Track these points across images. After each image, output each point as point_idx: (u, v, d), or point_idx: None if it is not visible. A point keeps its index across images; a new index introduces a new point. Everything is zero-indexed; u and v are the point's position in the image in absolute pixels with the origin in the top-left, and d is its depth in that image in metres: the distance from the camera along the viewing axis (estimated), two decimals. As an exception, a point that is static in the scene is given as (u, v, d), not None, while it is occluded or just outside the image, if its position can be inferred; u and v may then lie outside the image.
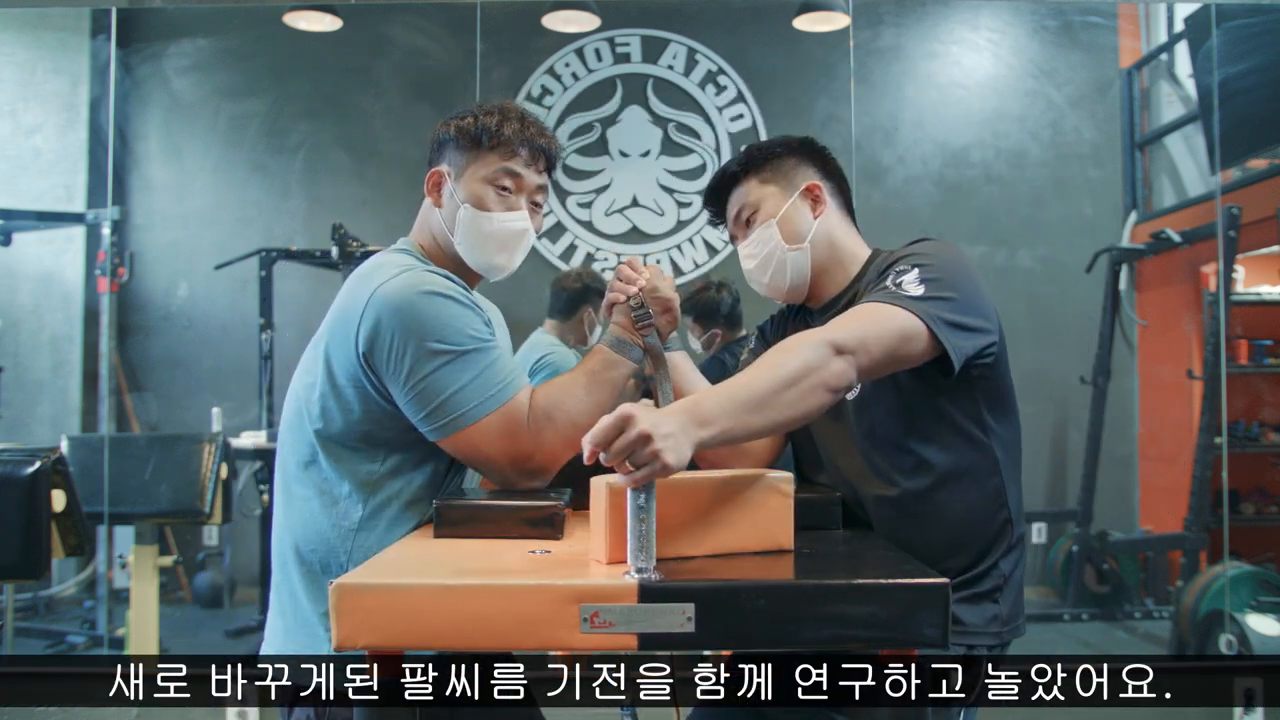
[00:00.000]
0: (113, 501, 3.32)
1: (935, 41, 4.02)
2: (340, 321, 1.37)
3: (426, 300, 1.32)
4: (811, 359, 1.20)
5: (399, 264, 1.39)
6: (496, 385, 1.33)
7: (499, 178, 1.46)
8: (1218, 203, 3.66)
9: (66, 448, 3.37)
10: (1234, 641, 3.44)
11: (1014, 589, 1.44)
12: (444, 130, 1.49)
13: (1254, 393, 4.18)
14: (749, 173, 1.56)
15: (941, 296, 1.31)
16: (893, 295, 1.31)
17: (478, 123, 1.46)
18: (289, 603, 1.43)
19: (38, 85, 4.05)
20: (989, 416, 1.41)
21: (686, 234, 3.98)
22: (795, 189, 1.52)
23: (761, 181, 1.54)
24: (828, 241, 1.53)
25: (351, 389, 1.36)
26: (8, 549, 2.32)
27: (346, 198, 3.94)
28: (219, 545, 4.21)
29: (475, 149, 1.46)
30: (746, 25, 3.98)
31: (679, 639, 0.99)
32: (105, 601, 3.93)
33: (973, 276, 1.38)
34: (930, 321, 1.28)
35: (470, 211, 1.45)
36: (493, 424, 1.32)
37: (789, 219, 1.52)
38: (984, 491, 1.42)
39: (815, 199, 1.52)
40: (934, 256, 1.37)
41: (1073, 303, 3.96)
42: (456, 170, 1.47)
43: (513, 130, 1.46)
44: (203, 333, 4.05)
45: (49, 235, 4.10)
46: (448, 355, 1.31)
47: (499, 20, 3.80)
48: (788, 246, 1.51)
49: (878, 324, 1.27)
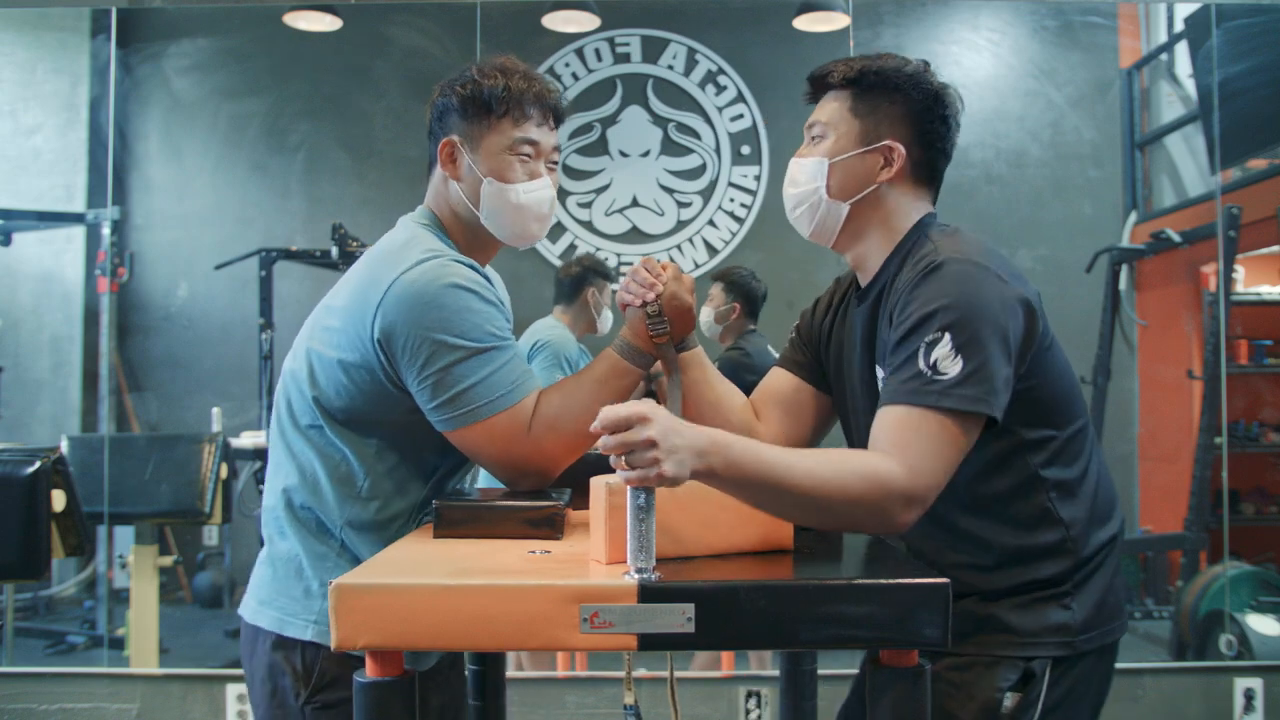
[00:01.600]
0: (113, 501, 3.33)
1: (935, 41, 4.02)
2: (358, 300, 1.35)
3: (449, 293, 1.31)
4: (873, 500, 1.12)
5: (423, 247, 1.37)
6: (507, 386, 1.33)
7: (518, 147, 1.43)
8: (1218, 203, 3.66)
9: (66, 448, 3.37)
10: (1234, 641, 3.44)
11: (1090, 594, 1.35)
12: (446, 97, 1.45)
13: (1254, 393, 4.17)
14: (848, 89, 1.39)
15: (979, 364, 1.20)
16: (933, 390, 1.19)
17: (483, 88, 1.42)
18: (281, 547, 1.43)
19: (38, 85, 4.05)
20: (1041, 429, 1.33)
21: (686, 234, 3.98)
22: (877, 140, 1.38)
23: (853, 111, 1.39)
24: (877, 208, 1.39)
25: (360, 368, 1.35)
26: (8, 549, 2.32)
27: (346, 198, 3.94)
28: (219, 545, 4.21)
29: (486, 116, 1.43)
30: (746, 25, 3.98)
31: (679, 639, 0.99)
32: (105, 601, 3.93)
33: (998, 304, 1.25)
34: (980, 409, 1.20)
35: (495, 185, 1.43)
36: (497, 425, 1.32)
37: (847, 167, 1.38)
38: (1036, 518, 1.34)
39: (887, 160, 1.38)
40: (957, 300, 1.23)
41: (1073, 303, 3.96)
42: (470, 141, 1.44)
43: (521, 91, 1.42)
44: (203, 333, 4.05)
45: (49, 235, 4.10)
46: (465, 351, 1.31)
47: (499, 20, 3.79)
48: (827, 196, 1.38)
49: (941, 450, 1.18)
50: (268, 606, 1.42)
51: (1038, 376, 1.31)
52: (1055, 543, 1.34)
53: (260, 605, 1.43)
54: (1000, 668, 1.32)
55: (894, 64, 1.39)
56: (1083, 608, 1.34)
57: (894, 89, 1.38)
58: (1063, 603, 1.33)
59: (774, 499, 1.11)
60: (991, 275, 1.28)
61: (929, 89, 1.39)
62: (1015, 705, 1.30)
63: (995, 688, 1.31)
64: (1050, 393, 1.33)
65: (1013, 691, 1.31)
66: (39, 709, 3.33)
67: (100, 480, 3.34)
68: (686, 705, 3.27)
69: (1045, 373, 1.32)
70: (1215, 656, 3.48)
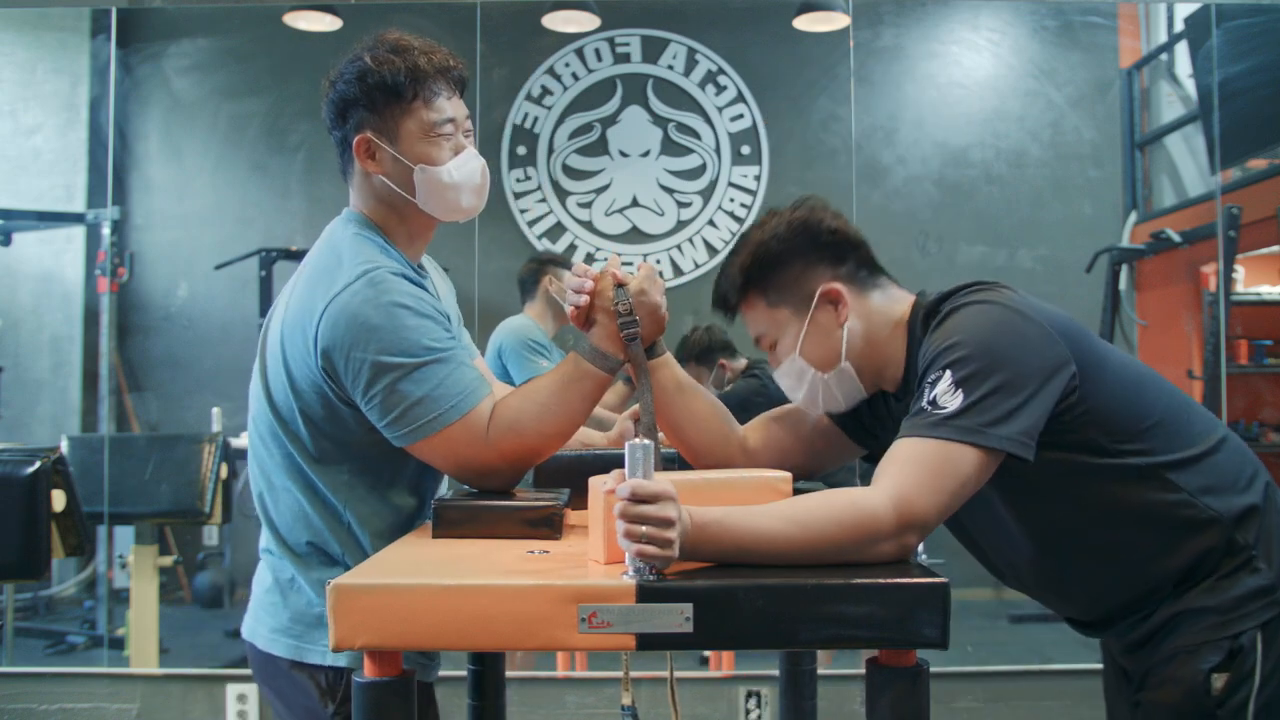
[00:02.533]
0: (113, 501, 3.33)
1: (935, 41, 4.02)
2: (297, 326, 1.34)
3: (382, 312, 1.29)
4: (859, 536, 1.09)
5: (357, 261, 1.34)
6: (455, 396, 1.30)
7: (438, 128, 1.40)
8: (1218, 203, 3.66)
9: (66, 448, 3.37)
10: (1234, 642, 3.43)
11: (1271, 549, 1.29)
12: (343, 89, 1.40)
13: (1254, 393, 4.17)
14: (751, 295, 1.38)
15: (983, 395, 1.17)
16: (927, 422, 1.17)
17: (385, 74, 1.38)
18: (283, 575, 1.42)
19: (38, 85, 4.05)
20: (1123, 441, 1.28)
21: (686, 234, 3.98)
22: (810, 300, 1.35)
23: (770, 305, 1.37)
24: (864, 338, 1.35)
25: (312, 393, 1.34)
26: (8, 549, 2.32)
27: (346, 198, 3.93)
28: (219, 545, 4.21)
29: (396, 103, 1.39)
30: (746, 25, 3.98)
31: (677, 639, 0.99)
32: (105, 601, 3.93)
33: (1014, 336, 1.22)
34: (975, 440, 1.16)
35: (427, 171, 1.40)
36: (453, 435, 1.31)
37: (814, 343, 1.35)
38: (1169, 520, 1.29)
39: (835, 305, 1.35)
40: (966, 339, 1.21)
41: (1073, 303, 3.96)
42: (385, 133, 1.40)
43: (423, 69, 1.39)
44: (203, 333, 4.05)
45: (49, 235, 4.10)
46: (405, 368, 1.29)
47: (499, 20, 3.80)
48: (823, 374, 1.36)
49: (934, 477, 1.14)
50: (283, 635, 1.41)
51: (1091, 400, 1.26)
52: (1200, 517, 1.28)
53: (273, 634, 1.42)
54: (1203, 651, 1.27)
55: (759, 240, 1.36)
56: (1272, 564, 1.29)
57: (776, 260, 1.36)
58: (1252, 566, 1.28)
59: (772, 557, 1.08)
60: (1000, 308, 1.25)
61: (796, 227, 1.36)
62: (1225, 684, 1.25)
63: (1198, 671, 1.26)
64: (1111, 407, 1.29)
65: (1218, 672, 1.26)
66: (39, 709, 3.33)
67: (100, 480, 3.34)
68: (686, 705, 3.27)
69: (1098, 394, 1.28)
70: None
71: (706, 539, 1.04)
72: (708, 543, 1.04)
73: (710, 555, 1.06)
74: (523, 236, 3.96)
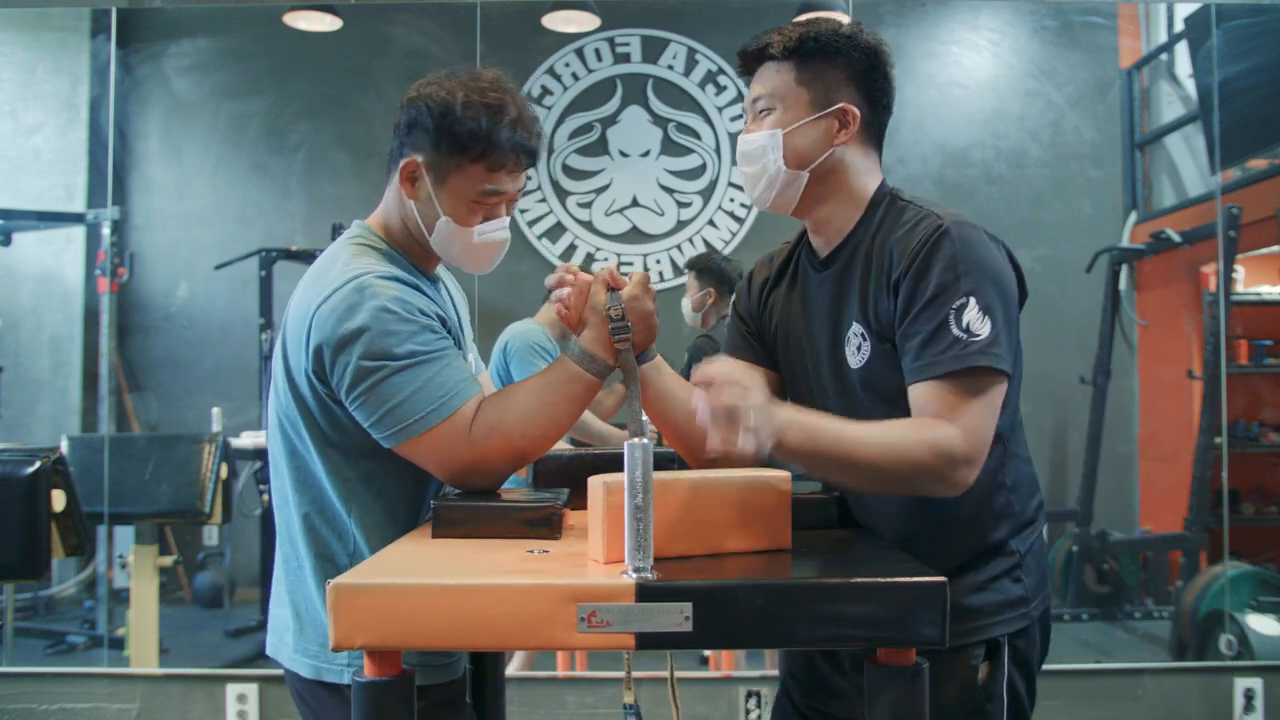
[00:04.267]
0: (113, 501, 3.33)
1: (935, 41, 4.02)
2: (293, 330, 1.37)
3: (366, 316, 1.30)
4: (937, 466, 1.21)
5: (349, 269, 1.35)
6: (439, 398, 1.31)
7: (485, 197, 1.39)
8: (1218, 203, 3.66)
9: (66, 448, 3.37)
10: (1234, 641, 3.44)
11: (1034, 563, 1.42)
12: (419, 111, 1.38)
13: (1254, 393, 4.17)
14: (790, 59, 1.38)
15: (1003, 323, 1.27)
16: (972, 351, 1.24)
17: (463, 123, 1.35)
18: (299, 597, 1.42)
19: (38, 85, 4.05)
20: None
21: (686, 234, 3.98)
22: (828, 104, 1.37)
23: (798, 79, 1.38)
24: (837, 171, 1.39)
25: (310, 396, 1.37)
26: (8, 549, 2.33)
27: (346, 198, 3.94)
28: (219, 545, 4.21)
29: (459, 154, 1.37)
30: (746, 25, 3.97)
31: (677, 638, 0.99)
32: (105, 601, 3.93)
33: (1000, 264, 1.32)
34: (1006, 366, 1.27)
35: (451, 226, 1.40)
36: (439, 434, 1.31)
37: (802, 135, 1.37)
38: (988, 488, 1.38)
39: (843, 125, 1.38)
40: (981, 266, 1.28)
41: (1073, 303, 3.96)
42: (435, 171, 1.38)
43: (500, 137, 1.35)
44: (203, 333, 4.05)
45: (49, 235, 4.10)
46: (388, 370, 1.29)
47: (499, 20, 3.80)
48: (785, 167, 1.38)
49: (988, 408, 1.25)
50: (303, 655, 1.42)
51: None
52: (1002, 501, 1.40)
53: (294, 654, 1.42)
54: (970, 649, 1.37)
55: (830, 26, 1.38)
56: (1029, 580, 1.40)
57: (836, 53, 1.37)
58: (1014, 575, 1.40)
59: (842, 470, 1.21)
60: (989, 239, 1.34)
61: (869, 48, 1.38)
62: (988, 673, 1.37)
63: (971, 668, 1.37)
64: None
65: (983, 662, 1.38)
66: (39, 709, 3.33)
67: (100, 480, 3.34)
68: (686, 705, 3.27)
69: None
70: (1215, 656, 3.48)
71: (796, 424, 1.16)
72: (796, 428, 1.17)
73: (797, 444, 1.17)
74: (523, 237, 3.96)
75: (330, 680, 1.38)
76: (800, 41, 1.37)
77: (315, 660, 1.39)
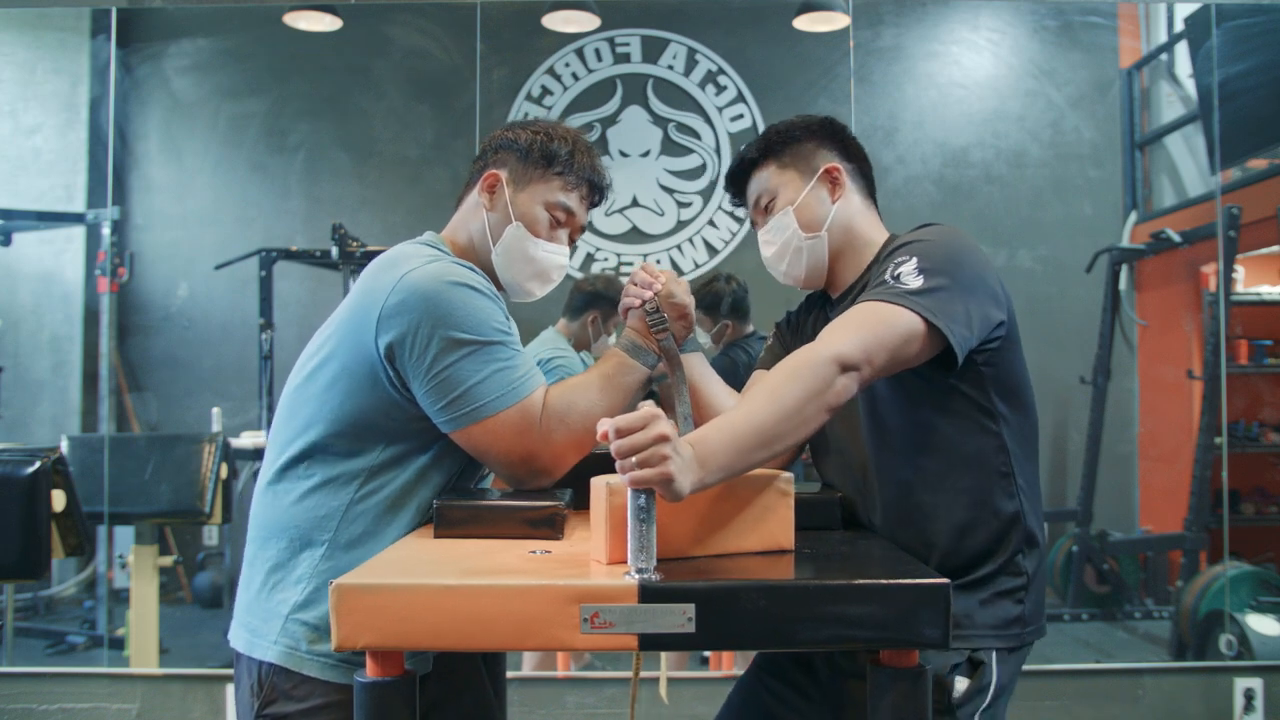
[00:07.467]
0: (113, 501, 3.32)
1: (935, 41, 4.02)
2: (360, 309, 1.36)
3: (453, 290, 1.32)
4: (813, 384, 1.17)
5: (425, 254, 1.39)
6: (516, 380, 1.33)
7: (557, 208, 1.48)
8: (1218, 203, 3.66)
9: (66, 448, 3.37)
10: (1234, 641, 3.44)
11: (1037, 589, 1.42)
12: (512, 136, 1.50)
13: (1254, 393, 4.17)
14: (768, 158, 1.54)
15: (941, 286, 1.28)
16: (891, 291, 1.28)
17: (552, 142, 1.48)
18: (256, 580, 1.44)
19: (38, 85, 4.05)
20: (999, 402, 1.39)
21: (686, 234, 3.98)
22: (814, 173, 1.51)
23: (780, 167, 1.53)
24: (845, 227, 1.51)
25: (365, 376, 1.34)
26: (8, 549, 2.32)
27: (346, 198, 3.94)
28: (219, 545, 4.21)
29: (544, 167, 1.48)
30: (746, 25, 3.98)
31: (679, 639, 0.99)
32: (105, 601, 3.93)
33: (977, 259, 1.35)
34: (930, 316, 1.26)
35: (520, 230, 1.47)
36: (508, 419, 1.32)
37: (807, 205, 1.50)
38: (994, 479, 1.39)
39: (834, 182, 1.51)
40: (935, 243, 1.35)
41: (1073, 303, 3.96)
42: (516, 183, 1.48)
43: (582, 163, 1.49)
44: (203, 333, 4.05)
45: (49, 235, 4.09)
46: (471, 346, 1.31)
47: (499, 20, 3.79)
48: (804, 235, 1.50)
49: (878, 329, 1.24)
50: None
51: (1010, 352, 1.40)
52: (1011, 517, 1.40)
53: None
54: (951, 652, 1.37)
55: (785, 121, 1.55)
56: (1029, 602, 1.41)
57: (799, 132, 1.53)
58: (1017, 597, 1.40)
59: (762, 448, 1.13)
60: (968, 237, 1.39)
61: (823, 118, 1.55)
62: (966, 692, 1.36)
63: (943, 666, 1.36)
64: (1015, 373, 1.42)
65: (962, 676, 1.37)
66: (39, 709, 3.33)
67: (100, 480, 3.33)
68: (686, 705, 3.27)
69: (1010, 356, 1.40)
70: (1215, 656, 3.48)
71: (708, 453, 1.08)
72: (710, 456, 1.09)
73: (720, 468, 1.09)
74: (523, 236, 3.96)
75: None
76: (767, 142, 1.54)
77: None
